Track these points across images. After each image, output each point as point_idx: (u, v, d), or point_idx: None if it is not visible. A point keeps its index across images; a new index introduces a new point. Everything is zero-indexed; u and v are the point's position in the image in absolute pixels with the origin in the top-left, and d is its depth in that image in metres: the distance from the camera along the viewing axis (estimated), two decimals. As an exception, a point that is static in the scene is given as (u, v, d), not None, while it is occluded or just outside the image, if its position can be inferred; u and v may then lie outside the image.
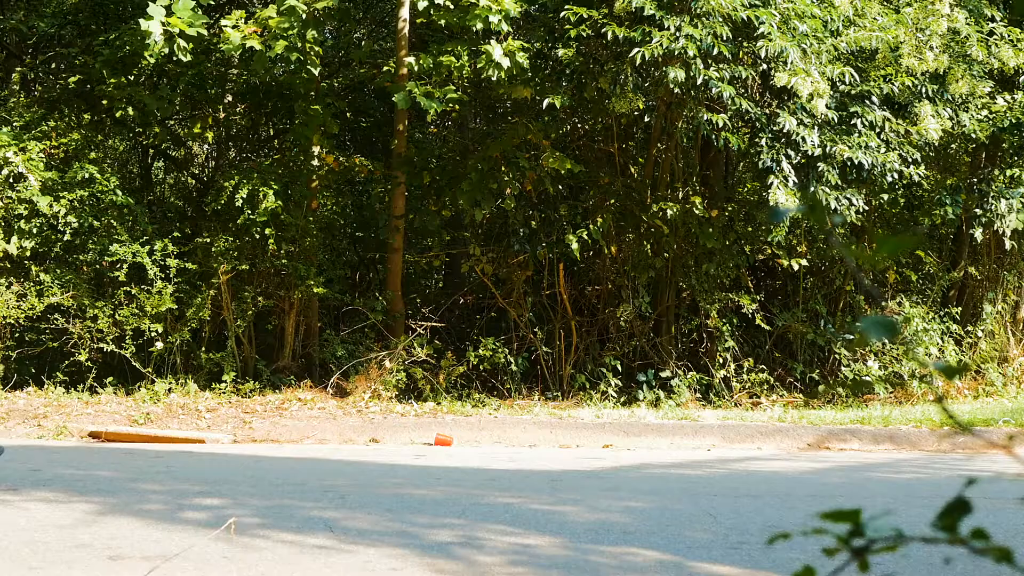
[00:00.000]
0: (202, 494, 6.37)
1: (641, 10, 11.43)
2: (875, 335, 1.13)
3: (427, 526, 5.46)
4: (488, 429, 10.72)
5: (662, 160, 13.63)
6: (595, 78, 12.36)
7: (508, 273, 13.46)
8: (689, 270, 13.47)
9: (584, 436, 10.62)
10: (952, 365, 1.16)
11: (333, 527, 5.35)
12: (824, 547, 1.23)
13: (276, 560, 4.60)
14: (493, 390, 12.99)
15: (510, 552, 4.88)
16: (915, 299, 14.64)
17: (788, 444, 10.68)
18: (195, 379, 12.19)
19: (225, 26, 11.84)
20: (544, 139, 12.74)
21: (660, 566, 4.66)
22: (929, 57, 12.30)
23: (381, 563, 4.59)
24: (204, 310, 12.37)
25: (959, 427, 1.17)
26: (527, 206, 13.65)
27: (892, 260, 13.76)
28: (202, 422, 10.75)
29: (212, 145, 15.64)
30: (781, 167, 11.96)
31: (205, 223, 13.30)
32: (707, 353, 13.62)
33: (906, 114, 12.77)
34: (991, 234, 14.33)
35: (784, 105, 12.21)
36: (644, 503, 6.42)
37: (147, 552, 4.69)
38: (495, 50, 11.61)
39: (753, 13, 11.55)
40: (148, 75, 13.67)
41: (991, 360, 14.96)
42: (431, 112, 11.84)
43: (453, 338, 14.03)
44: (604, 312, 13.61)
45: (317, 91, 13.00)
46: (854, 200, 12.25)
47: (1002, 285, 15.52)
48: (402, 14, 12.60)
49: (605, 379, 12.91)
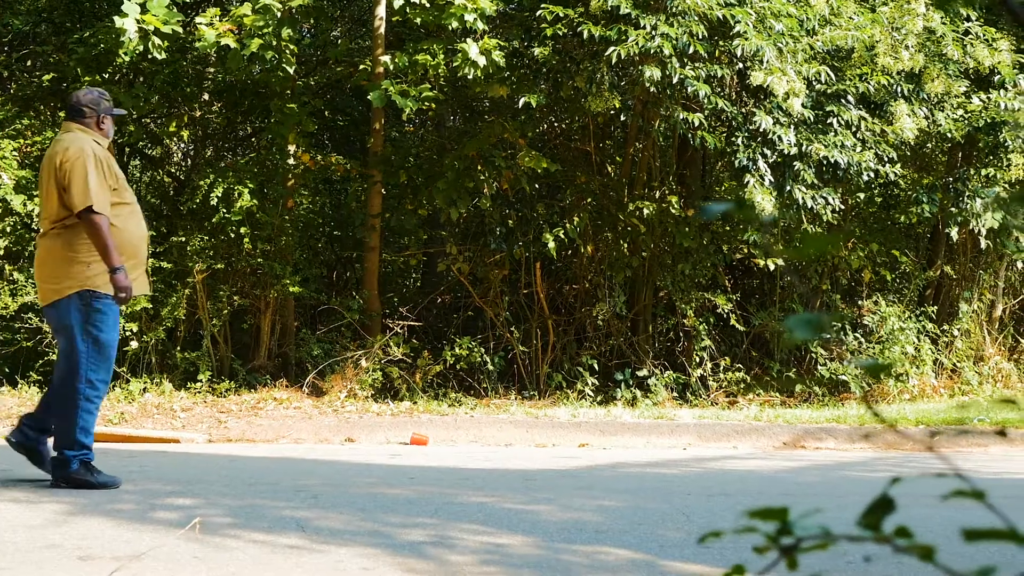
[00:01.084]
0: (175, 494, 6.33)
1: (617, 9, 11.43)
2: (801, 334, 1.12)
3: (400, 525, 5.44)
4: (464, 428, 10.71)
5: (639, 159, 13.64)
6: (571, 77, 12.35)
7: (485, 272, 13.45)
8: (666, 269, 13.48)
9: (560, 435, 10.61)
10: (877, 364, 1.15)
11: (305, 527, 5.33)
12: (754, 545, 1.22)
13: (247, 560, 4.58)
14: (470, 389, 12.98)
15: (482, 551, 4.86)
16: (891, 298, 14.68)
17: (764, 443, 10.69)
18: (170, 379, 12.14)
19: (200, 24, 11.79)
20: (520, 138, 12.72)
21: (632, 565, 4.65)
22: (905, 56, 12.34)
23: (352, 563, 4.57)
24: (179, 309, 12.33)
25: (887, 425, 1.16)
26: (504, 205, 13.64)
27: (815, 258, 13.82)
28: (177, 422, 10.70)
29: (188, 144, 15.58)
30: (757, 166, 11.97)
31: (181, 222, 13.24)
32: (684, 352, 13.64)
33: (882, 113, 12.80)
34: (967, 233, 14.37)
35: (760, 104, 12.22)
36: (618, 502, 6.41)
37: (117, 552, 4.66)
38: (471, 49, 11.60)
39: (729, 12, 11.56)
40: (123, 73, 13.61)
41: (967, 359, 15.00)
42: (407, 111, 11.82)
43: (430, 337, 14.02)
44: (581, 311, 13.61)
45: (293, 89, 12.97)
46: (830, 199, 12.28)
47: (978, 284, 15.57)
48: (379, 12, 12.58)
49: (582, 378, 12.91)
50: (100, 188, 6.47)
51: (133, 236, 6.69)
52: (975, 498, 1.13)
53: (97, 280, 6.49)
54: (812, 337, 1.12)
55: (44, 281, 6.61)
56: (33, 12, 13.75)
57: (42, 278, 6.63)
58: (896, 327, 13.95)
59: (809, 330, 1.11)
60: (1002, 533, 1.09)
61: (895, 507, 1.17)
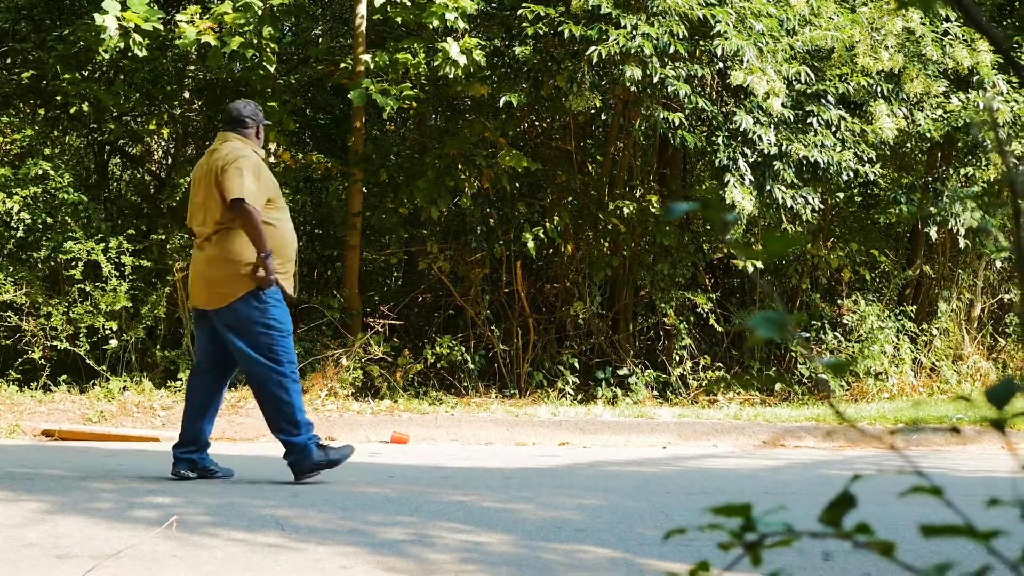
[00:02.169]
0: (154, 492, 6.33)
1: (598, 8, 11.44)
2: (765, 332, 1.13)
3: (379, 524, 5.44)
4: (444, 427, 10.71)
5: (620, 158, 13.67)
6: (552, 76, 12.36)
7: (466, 271, 13.45)
8: (646, 268, 13.50)
9: (540, 434, 10.63)
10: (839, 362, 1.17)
11: (284, 525, 5.33)
12: (719, 542, 1.24)
13: (225, 558, 4.58)
14: (450, 388, 12.98)
15: (461, 550, 4.87)
16: (871, 297, 14.72)
17: (743, 441, 10.72)
18: (150, 377, 12.11)
19: (180, 21, 11.76)
20: (501, 137, 12.73)
21: (611, 563, 4.67)
22: (884, 56, 12.37)
23: (331, 561, 4.57)
24: (159, 308, 12.30)
25: (847, 424, 1.17)
26: (484, 204, 13.65)
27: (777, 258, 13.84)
28: (157, 420, 10.68)
29: (169, 142, 15.55)
30: (738, 166, 12.00)
31: (161, 220, 13.22)
32: (664, 351, 13.66)
33: (861, 113, 12.84)
34: (946, 233, 14.42)
35: (740, 104, 12.25)
36: (597, 501, 6.43)
37: (95, 551, 4.65)
38: (452, 48, 11.60)
39: (709, 12, 11.59)
40: (103, 71, 13.58)
41: (946, 358, 15.06)
42: (387, 109, 11.81)
43: (411, 336, 14.01)
44: (562, 310, 13.62)
45: (274, 88, 12.95)
46: (810, 199, 12.31)
47: (957, 283, 15.64)
48: (359, 11, 12.57)
49: (562, 377, 12.92)
50: (255, 187, 6.86)
51: (285, 239, 7.11)
52: (933, 494, 1.14)
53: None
54: (776, 336, 1.13)
55: (212, 287, 6.93)
56: (12, 9, 13.70)
57: (209, 284, 6.94)
58: (875, 326, 13.99)
59: (772, 329, 1.13)
60: (959, 529, 1.10)
61: (856, 503, 1.19)
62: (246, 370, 6.98)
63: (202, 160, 7.15)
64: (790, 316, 1.08)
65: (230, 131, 7.17)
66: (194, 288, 7.07)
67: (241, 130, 7.17)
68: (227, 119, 7.24)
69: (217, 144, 7.12)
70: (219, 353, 7.14)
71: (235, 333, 6.89)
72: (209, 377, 7.17)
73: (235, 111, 7.22)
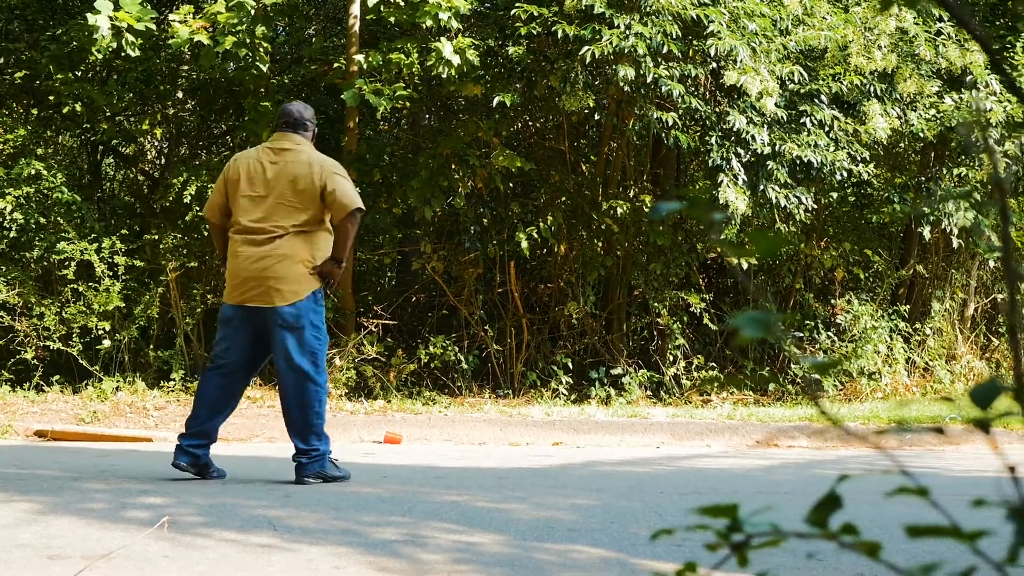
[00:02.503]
0: (146, 493, 6.32)
1: (591, 8, 11.44)
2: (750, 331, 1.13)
3: (372, 524, 5.44)
4: (438, 427, 10.70)
5: (613, 158, 13.67)
6: (546, 76, 12.36)
7: (459, 271, 13.44)
8: (640, 268, 13.51)
9: (534, 434, 10.62)
10: (825, 362, 1.16)
11: (277, 525, 5.32)
12: (705, 543, 1.23)
13: (218, 559, 4.57)
14: (444, 388, 12.98)
15: (454, 550, 4.86)
16: (864, 297, 14.74)
17: (737, 441, 10.72)
18: (143, 377, 12.10)
19: (173, 21, 11.75)
20: (495, 137, 12.72)
21: (604, 563, 4.66)
22: (877, 56, 12.39)
23: (324, 561, 4.56)
24: (152, 308, 12.29)
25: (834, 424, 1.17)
26: (478, 204, 13.64)
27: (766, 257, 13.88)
28: (150, 420, 10.67)
29: (162, 142, 15.54)
30: (731, 165, 12.01)
31: (154, 220, 13.21)
32: (658, 351, 13.67)
33: (855, 113, 12.85)
34: (939, 232, 14.44)
35: (734, 104, 12.26)
36: (590, 500, 6.42)
37: (87, 551, 4.64)
38: (445, 47, 11.59)
39: (702, 12, 11.59)
40: (97, 70, 13.56)
41: (939, 358, 15.08)
42: (380, 110, 11.80)
43: (404, 336, 14.00)
44: (555, 310, 13.62)
45: (267, 87, 12.93)
46: (803, 198, 12.32)
47: (950, 283, 15.66)
48: (353, 11, 12.55)
49: (556, 377, 12.92)
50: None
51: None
52: (919, 495, 1.14)
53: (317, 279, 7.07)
54: (761, 335, 1.13)
55: (282, 284, 6.92)
56: (5, 9, 13.68)
57: (277, 281, 6.92)
58: (869, 326, 14.01)
59: (758, 328, 1.12)
60: (944, 530, 1.10)
61: (842, 504, 1.18)
62: (287, 371, 6.96)
63: (260, 155, 7.08)
64: (776, 315, 1.08)
65: (295, 132, 7.13)
66: (247, 285, 6.96)
67: (304, 133, 7.16)
68: (290, 120, 7.16)
69: (285, 144, 7.08)
70: (257, 355, 7.15)
71: (290, 331, 6.93)
72: (237, 378, 7.16)
73: (297, 113, 7.17)
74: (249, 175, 7.02)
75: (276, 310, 6.91)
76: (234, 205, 7.07)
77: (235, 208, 7.06)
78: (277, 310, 6.91)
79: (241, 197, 7.02)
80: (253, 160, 7.06)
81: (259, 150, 7.14)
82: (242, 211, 7.02)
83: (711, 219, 1.14)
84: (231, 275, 7.03)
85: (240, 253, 6.98)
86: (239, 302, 7.01)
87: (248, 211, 7.00)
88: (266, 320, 6.97)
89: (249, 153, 7.16)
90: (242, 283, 6.97)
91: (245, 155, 7.15)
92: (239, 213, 7.04)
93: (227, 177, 7.09)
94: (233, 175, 7.07)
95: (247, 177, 7.02)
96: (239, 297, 7.00)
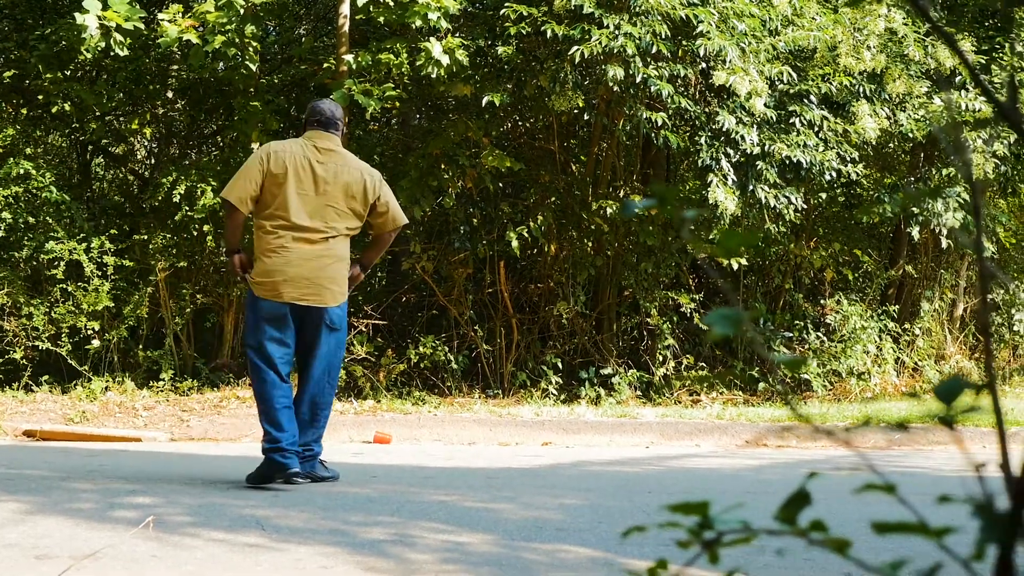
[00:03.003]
0: (135, 493, 6.31)
1: (580, 8, 11.45)
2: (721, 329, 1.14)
3: (360, 524, 5.44)
4: (427, 427, 10.71)
5: (603, 158, 13.67)
6: (535, 76, 12.36)
7: (449, 271, 13.44)
8: (630, 268, 13.52)
9: (523, 434, 10.63)
10: (794, 358, 1.17)
11: (265, 525, 5.32)
12: (677, 540, 1.24)
13: (205, 558, 4.57)
14: (434, 388, 12.98)
15: (442, 550, 4.86)
16: (853, 297, 14.77)
17: (726, 441, 10.74)
18: (132, 377, 12.08)
19: (162, 20, 11.73)
20: (484, 137, 12.72)
21: (592, 563, 4.67)
22: (867, 57, 12.40)
23: (312, 561, 4.56)
24: (142, 308, 12.27)
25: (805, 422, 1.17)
26: (468, 204, 13.64)
27: (737, 255, 13.96)
28: (139, 420, 10.66)
29: (153, 141, 15.52)
30: (720, 165, 12.02)
31: (143, 220, 13.19)
32: (648, 351, 13.67)
33: (844, 113, 12.87)
34: (928, 233, 14.47)
35: (723, 104, 12.27)
36: (579, 500, 6.43)
37: (75, 551, 4.63)
38: (434, 47, 11.59)
39: (692, 12, 11.60)
40: (86, 70, 13.54)
41: (928, 358, 15.11)
42: (370, 110, 11.80)
43: (394, 335, 14.00)
44: (545, 310, 13.62)
45: (256, 87, 12.92)
46: (793, 198, 12.33)
47: (939, 283, 15.70)
48: (343, 10, 12.54)
49: (546, 377, 12.93)
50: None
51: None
52: (886, 492, 1.14)
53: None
54: (732, 332, 1.13)
55: (330, 284, 6.92)
56: (-6, 8, 13.67)
57: (331, 281, 6.92)
58: (858, 326, 14.04)
59: (728, 325, 1.13)
60: (911, 526, 1.10)
61: (811, 501, 1.19)
62: (322, 371, 6.95)
63: (307, 152, 6.88)
64: (746, 313, 1.08)
65: (327, 131, 7.02)
66: (301, 283, 6.81)
67: (336, 132, 7.07)
68: (322, 119, 7.02)
69: (328, 144, 6.96)
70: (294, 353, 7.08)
71: (335, 332, 6.97)
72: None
73: (329, 112, 7.06)
74: (296, 171, 6.81)
75: (327, 310, 6.89)
76: (273, 199, 6.82)
77: (275, 203, 6.82)
78: (327, 310, 6.89)
79: (289, 193, 6.79)
80: (299, 156, 6.85)
81: (302, 146, 6.92)
82: (288, 207, 6.79)
83: (681, 217, 1.14)
84: (276, 272, 6.80)
85: (292, 250, 6.79)
86: (293, 300, 6.84)
87: (296, 208, 6.79)
88: (312, 319, 6.90)
89: (292, 148, 6.90)
90: (294, 281, 6.80)
91: (288, 149, 6.89)
92: (283, 209, 6.80)
93: (267, 169, 6.80)
94: (277, 168, 6.79)
95: (295, 173, 6.80)
96: (294, 295, 6.83)
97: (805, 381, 13.68)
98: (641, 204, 1.21)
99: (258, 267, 6.86)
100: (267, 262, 6.82)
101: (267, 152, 6.86)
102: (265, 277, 6.82)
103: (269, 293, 6.82)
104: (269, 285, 6.81)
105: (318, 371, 6.94)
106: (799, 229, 14.51)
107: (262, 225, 6.87)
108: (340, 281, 6.94)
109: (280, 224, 6.80)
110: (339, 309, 6.95)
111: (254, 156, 6.91)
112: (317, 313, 6.87)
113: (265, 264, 6.82)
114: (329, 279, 6.86)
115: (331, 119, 7.04)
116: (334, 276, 6.89)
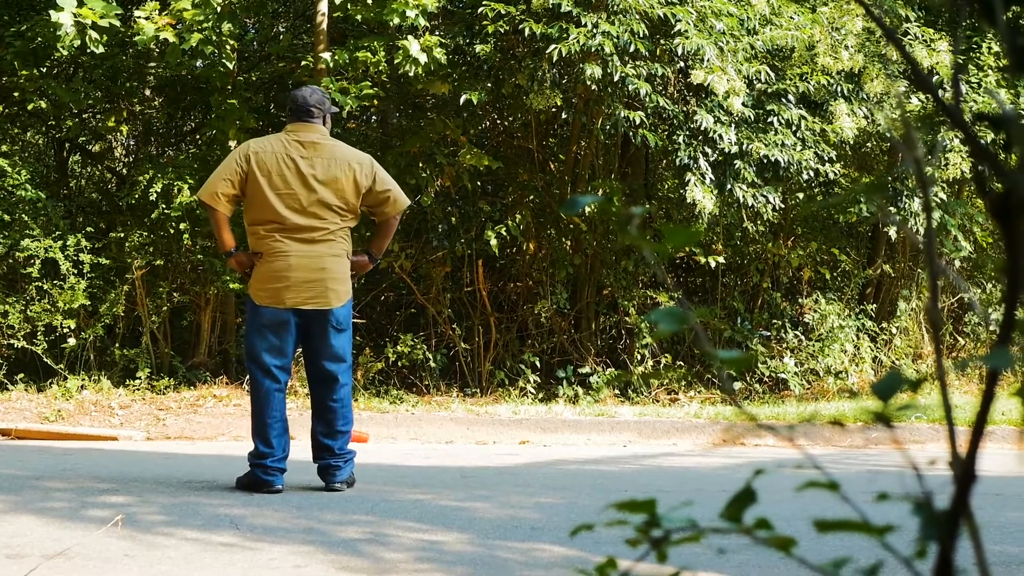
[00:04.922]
0: (108, 492, 6.28)
1: (558, 7, 11.45)
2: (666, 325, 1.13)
3: (335, 523, 5.43)
4: (405, 426, 10.69)
5: (582, 157, 13.68)
6: (513, 74, 12.35)
7: (427, 269, 13.42)
8: (609, 267, 13.53)
9: (501, 433, 10.63)
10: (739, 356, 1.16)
11: (239, 524, 5.30)
12: (626, 538, 1.23)
13: (179, 558, 4.55)
14: (411, 387, 12.96)
15: (417, 548, 4.86)
16: (831, 296, 14.80)
17: (704, 440, 10.75)
18: (108, 376, 12.03)
19: (139, 17, 11.68)
20: (462, 135, 12.70)
21: (566, 561, 4.67)
22: (844, 56, 12.43)
23: (286, 560, 4.55)
24: (118, 306, 12.22)
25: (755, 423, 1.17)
26: (446, 202, 13.63)
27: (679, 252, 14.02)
28: (115, 419, 10.62)
29: (130, 139, 15.46)
30: (698, 164, 12.03)
31: (120, 218, 13.13)
32: (626, 350, 13.69)
33: (822, 112, 12.90)
34: (906, 233, 14.50)
35: (701, 103, 12.28)
36: (554, 499, 6.43)
37: (47, 550, 4.61)
38: (412, 46, 11.56)
39: (670, 11, 11.61)
40: (62, 67, 13.48)
41: (905, 357, 15.16)
42: (346, 108, 11.77)
43: (372, 334, 13.97)
44: (524, 309, 13.62)
45: (234, 85, 12.88)
46: (771, 198, 12.36)
47: (917, 283, 15.74)
48: (321, 8, 12.51)
49: (524, 376, 12.92)
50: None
51: None
52: (829, 489, 1.14)
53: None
54: (676, 329, 1.13)
55: (333, 284, 6.66)
56: (-31, 5, 13.58)
57: (335, 281, 6.66)
58: (836, 325, 14.07)
59: (673, 322, 1.12)
60: (853, 524, 1.10)
61: (756, 499, 1.19)
62: (335, 373, 6.72)
63: (289, 149, 6.60)
64: (692, 311, 1.08)
65: (310, 121, 6.67)
66: (302, 287, 6.57)
67: (317, 119, 6.74)
68: (298, 107, 6.69)
69: (311, 136, 6.65)
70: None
71: (341, 332, 6.73)
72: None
73: (302, 99, 6.70)
74: (280, 170, 6.54)
75: (332, 312, 6.63)
76: (260, 202, 6.58)
77: (263, 205, 6.57)
78: (332, 311, 6.64)
79: (276, 193, 6.54)
80: (281, 154, 6.57)
81: (284, 142, 6.63)
82: (278, 209, 6.54)
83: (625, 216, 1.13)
84: (275, 276, 6.55)
85: (291, 252, 6.55)
86: (296, 306, 6.60)
87: (287, 208, 6.54)
88: (318, 323, 6.66)
89: (272, 146, 6.64)
90: (296, 286, 6.55)
91: (268, 148, 6.62)
92: (272, 211, 6.56)
93: (246, 170, 6.55)
94: (258, 169, 6.54)
95: (278, 172, 6.53)
96: (297, 300, 6.59)
97: (783, 380, 13.71)
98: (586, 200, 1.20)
99: (257, 274, 6.62)
100: (266, 268, 6.59)
101: (246, 152, 6.62)
102: (266, 284, 6.58)
103: (270, 300, 6.58)
104: (270, 292, 6.57)
105: (332, 373, 6.70)
106: (777, 228, 14.54)
107: (255, 231, 6.63)
108: (343, 280, 6.67)
109: (274, 227, 6.55)
110: (343, 309, 6.69)
111: (232, 155, 6.68)
112: (322, 316, 6.62)
113: (264, 270, 6.60)
114: (332, 278, 6.59)
115: (304, 105, 6.66)
116: (336, 275, 6.62)
